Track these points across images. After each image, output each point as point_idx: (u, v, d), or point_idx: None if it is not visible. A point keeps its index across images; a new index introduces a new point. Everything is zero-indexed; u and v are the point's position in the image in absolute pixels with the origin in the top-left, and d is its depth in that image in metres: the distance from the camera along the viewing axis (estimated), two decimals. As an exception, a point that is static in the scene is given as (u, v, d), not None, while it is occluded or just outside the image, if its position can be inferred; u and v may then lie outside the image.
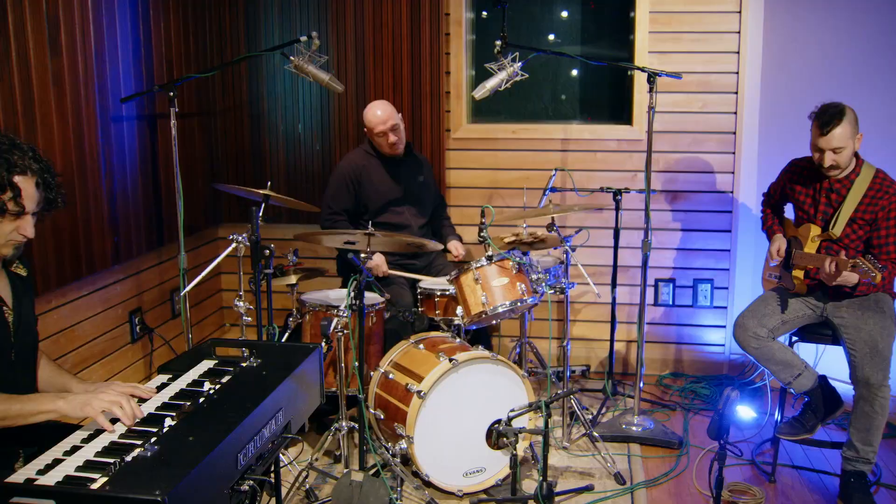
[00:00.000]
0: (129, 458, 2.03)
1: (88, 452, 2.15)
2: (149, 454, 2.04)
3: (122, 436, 2.26)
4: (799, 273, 3.87)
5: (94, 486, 1.92)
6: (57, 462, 2.10)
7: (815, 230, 3.84)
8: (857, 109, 3.67)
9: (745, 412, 4.54)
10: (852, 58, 4.74)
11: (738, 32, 4.87)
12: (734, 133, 4.99)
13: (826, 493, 3.77)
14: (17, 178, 2.38)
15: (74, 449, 2.19)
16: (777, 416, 4.03)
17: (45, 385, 2.73)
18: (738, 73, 4.92)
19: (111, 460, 2.04)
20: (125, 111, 4.25)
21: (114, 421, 2.30)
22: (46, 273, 3.66)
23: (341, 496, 3.36)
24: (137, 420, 2.31)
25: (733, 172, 5.02)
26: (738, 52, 4.89)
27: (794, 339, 3.99)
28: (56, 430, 2.41)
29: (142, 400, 2.53)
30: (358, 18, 5.11)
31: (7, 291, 2.56)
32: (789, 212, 4.15)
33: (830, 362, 4.31)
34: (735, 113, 4.97)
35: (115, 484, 1.90)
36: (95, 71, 3.96)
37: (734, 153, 5.00)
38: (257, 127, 5.38)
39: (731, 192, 5.03)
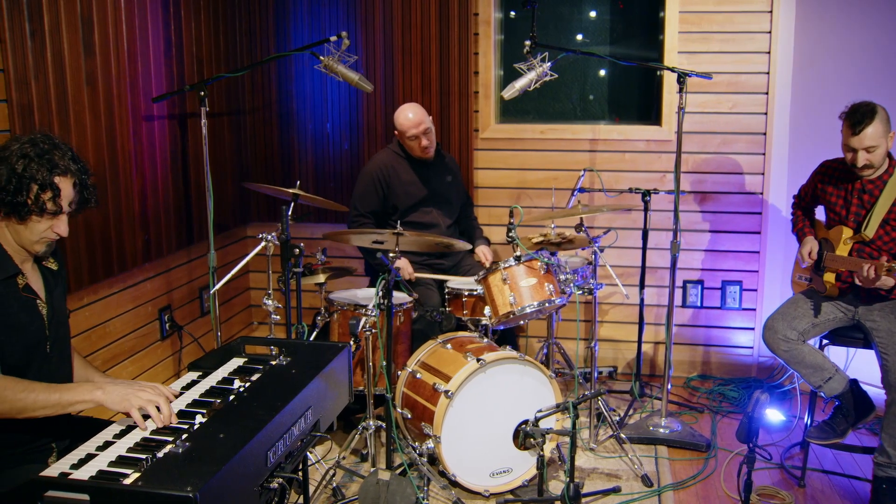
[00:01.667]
0: (160, 455, 2.06)
1: (121, 448, 2.18)
2: (180, 451, 2.06)
3: (153, 432, 2.29)
4: (830, 276, 3.83)
5: (127, 481, 1.94)
6: (90, 457, 2.13)
7: (847, 232, 3.80)
8: (890, 109, 3.63)
9: (773, 415, 4.50)
10: (884, 57, 4.68)
11: (769, 32, 4.83)
12: (764, 134, 4.94)
13: (857, 499, 3.73)
14: (56, 179, 2.43)
15: (107, 444, 2.22)
16: (807, 419, 4.00)
17: (76, 378, 2.77)
18: (768, 73, 4.87)
19: (143, 456, 2.06)
20: (156, 110, 4.29)
21: (145, 418, 2.33)
22: (79, 270, 3.70)
23: (368, 495, 3.37)
24: (170, 424, 2.33)
25: (763, 174, 4.98)
26: (768, 53, 4.85)
27: (825, 342, 3.95)
28: (87, 426, 2.45)
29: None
30: (387, 18, 5.12)
31: (39, 285, 2.61)
32: (820, 214, 4.12)
33: (861, 366, 4.27)
34: (765, 114, 4.92)
35: (147, 479, 1.92)
36: (128, 71, 4.01)
37: (764, 154, 4.96)
38: (286, 126, 5.40)
39: (761, 193, 4.99)
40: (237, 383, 2.65)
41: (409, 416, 3.79)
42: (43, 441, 2.55)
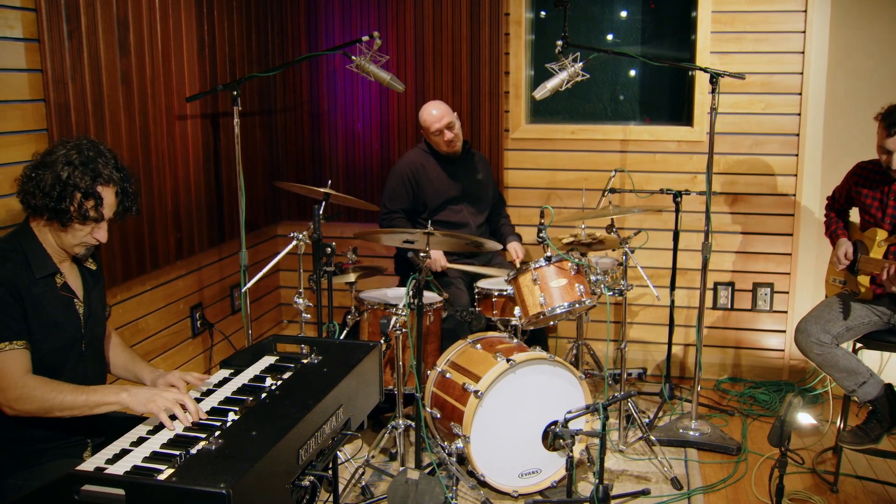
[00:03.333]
0: (193, 451, 2.08)
1: (155, 444, 2.21)
2: (213, 448, 2.08)
3: (186, 429, 2.31)
4: (865, 278, 3.79)
5: (162, 476, 1.97)
6: (125, 452, 2.16)
7: (882, 234, 3.75)
8: (928, 112, 3.58)
9: (804, 419, 4.45)
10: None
11: (804, 32, 4.78)
12: (797, 135, 4.89)
13: (890, 505, 3.70)
14: (99, 188, 2.48)
15: (141, 440, 2.25)
16: (840, 424, 3.95)
17: (119, 370, 2.82)
18: (802, 73, 4.82)
19: (177, 452, 2.09)
20: (190, 110, 4.33)
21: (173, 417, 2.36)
22: (112, 268, 3.75)
23: (397, 494, 3.37)
24: (199, 421, 2.35)
25: (796, 175, 4.93)
26: (802, 53, 4.80)
27: (858, 345, 3.90)
28: (123, 421, 2.48)
29: (204, 395, 2.60)
30: (418, 18, 5.13)
31: (78, 284, 2.65)
32: (855, 216, 4.07)
33: (896, 370, 4.23)
34: (798, 114, 4.87)
35: (181, 475, 1.95)
36: (162, 70, 4.05)
37: (797, 155, 4.91)
38: (317, 126, 5.43)
39: (794, 194, 4.95)
40: (269, 381, 2.67)
41: (439, 415, 3.80)
42: (78, 436, 2.58)
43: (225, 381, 2.71)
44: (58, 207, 2.44)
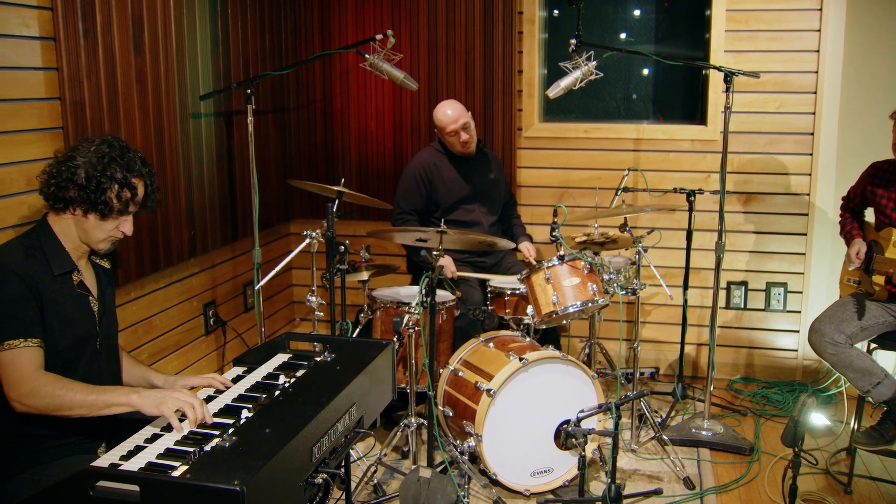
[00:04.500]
0: (207, 448, 2.08)
1: (169, 441, 2.22)
2: (227, 445, 2.09)
3: (200, 426, 2.32)
4: (880, 278, 3.77)
5: (176, 473, 1.98)
6: (139, 449, 2.17)
7: (898, 234, 3.74)
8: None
9: (818, 420, 4.43)
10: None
11: (819, 31, 4.75)
12: (812, 134, 4.87)
13: (904, 506, 3.68)
14: (134, 180, 2.52)
15: (155, 437, 2.26)
16: (854, 424, 3.93)
17: (126, 376, 2.82)
18: (817, 72, 4.80)
19: (191, 449, 2.10)
20: (203, 108, 4.34)
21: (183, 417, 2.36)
22: (126, 265, 3.76)
23: (409, 492, 3.38)
24: (206, 424, 2.35)
25: (810, 174, 4.91)
26: (817, 51, 4.77)
27: (873, 345, 3.88)
28: (137, 423, 2.48)
29: (219, 391, 2.61)
30: (431, 17, 5.13)
31: (93, 282, 2.67)
32: (870, 216, 4.05)
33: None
34: (813, 113, 4.85)
35: (195, 472, 1.95)
36: (176, 69, 4.06)
37: (811, 154, 4.89)
38: (330, 124, 5.44)
39: (808, 194, 4.92)
40: (282, 379, 2.68)
41: (451, 413, 3.80)
42: (93, 432, 2.60)
43: (238, 378, 2.72)
44: (98, 199, 2.47)
